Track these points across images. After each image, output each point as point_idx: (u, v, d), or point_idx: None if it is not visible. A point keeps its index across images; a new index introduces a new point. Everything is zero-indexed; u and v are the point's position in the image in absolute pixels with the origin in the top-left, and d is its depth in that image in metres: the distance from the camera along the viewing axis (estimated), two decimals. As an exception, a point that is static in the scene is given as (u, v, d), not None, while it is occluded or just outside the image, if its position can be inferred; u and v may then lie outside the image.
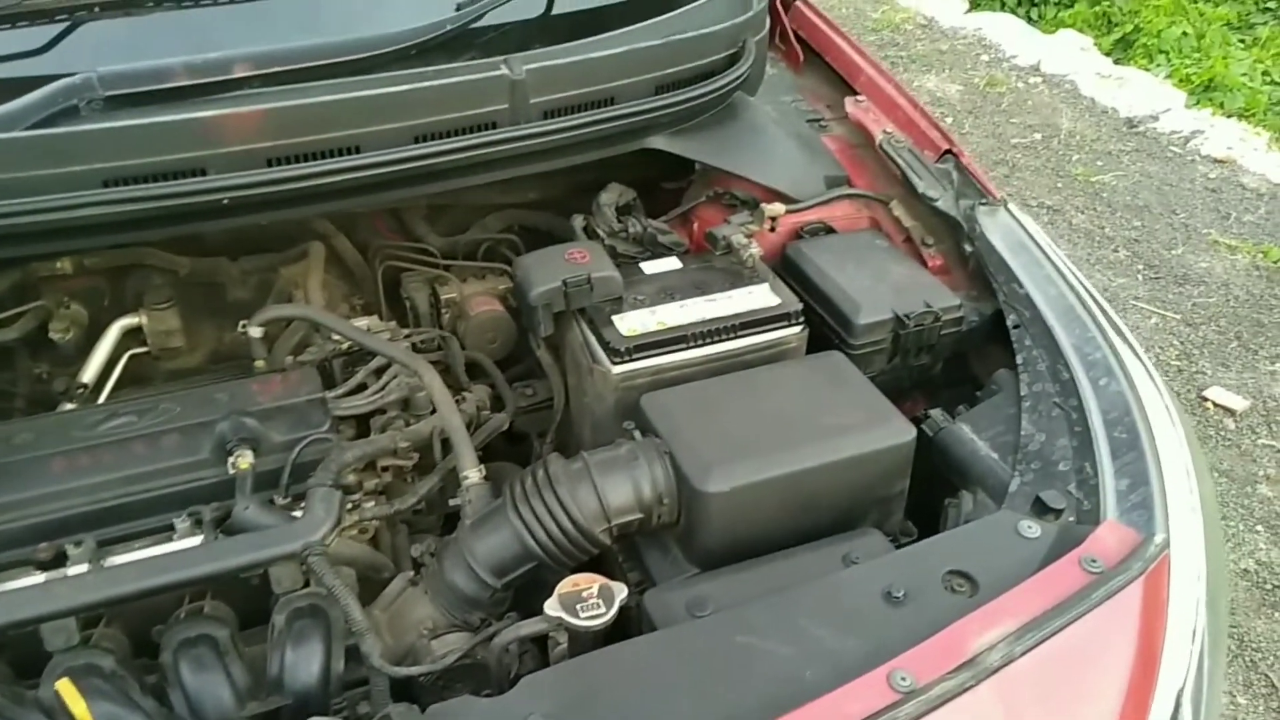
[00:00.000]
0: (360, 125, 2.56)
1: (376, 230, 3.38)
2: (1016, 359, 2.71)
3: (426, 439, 2.65)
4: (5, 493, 2.21)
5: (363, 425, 2.67)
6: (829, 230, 3.21)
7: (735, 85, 3.09)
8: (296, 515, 2.26)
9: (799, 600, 2.06)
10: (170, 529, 2.23)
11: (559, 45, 2.79)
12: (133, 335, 2.95)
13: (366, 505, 2.54)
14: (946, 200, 3.08)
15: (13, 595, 2.01)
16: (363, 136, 2.57)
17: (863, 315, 2.79)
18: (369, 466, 2.60)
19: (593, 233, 3.07)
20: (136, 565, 2.11)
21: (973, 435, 2.61)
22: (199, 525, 2.22)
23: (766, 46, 3.37)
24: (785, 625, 1.99)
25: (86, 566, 2.08)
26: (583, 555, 2.33)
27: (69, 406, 2.71)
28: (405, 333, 2.95)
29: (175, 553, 2.15)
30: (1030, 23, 11.17)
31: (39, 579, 2.07)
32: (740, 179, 3.19)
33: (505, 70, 2.67)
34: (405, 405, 2.69)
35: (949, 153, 3.20)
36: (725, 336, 2.70)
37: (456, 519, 2.45)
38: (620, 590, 2.12)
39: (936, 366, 2.96)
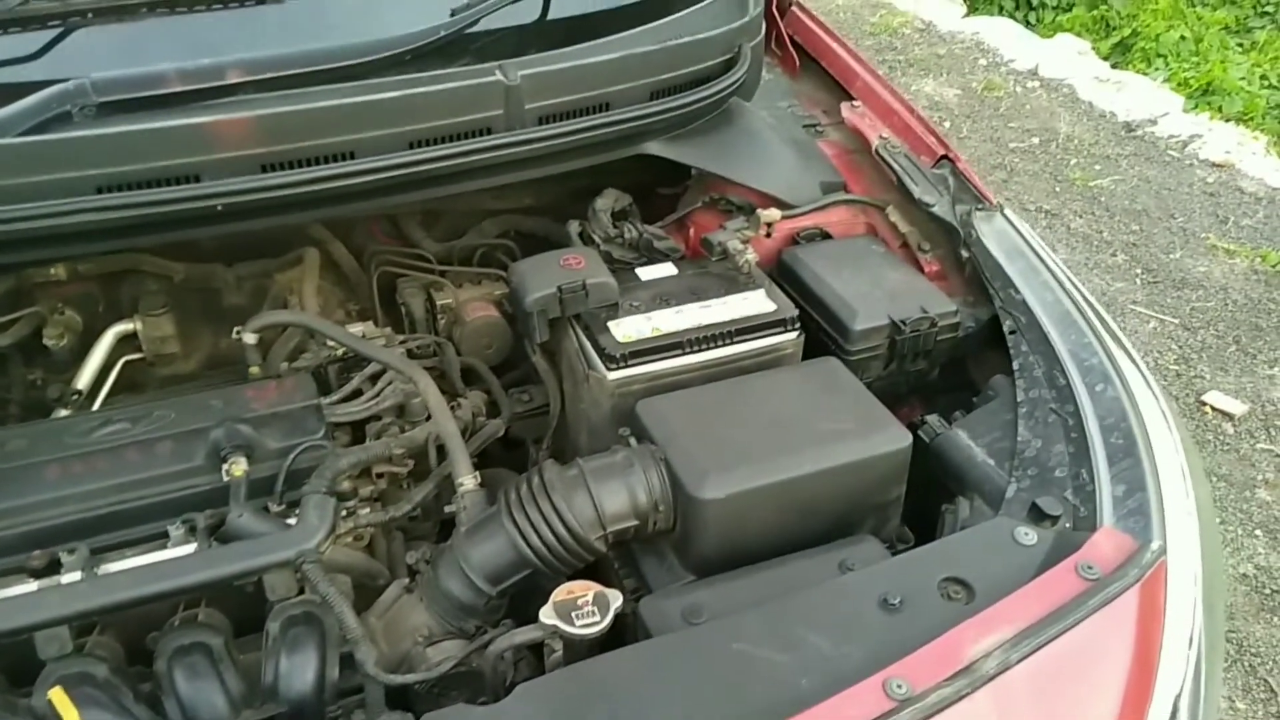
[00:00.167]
0: (355, 131, 2.56)
1: (372, 235, 3.37)
2: (1013, 365, 2.71)
3: (422, 445, 2.64)
4: (-2, 500, 2.21)
5: (358, 432, 2.65)
6: (825, 236, 3.21)
7: (731, 91, 3.08)
8: (291, 522, 2.24)
9: (795, 607, 2.05)
10: (164, 536, 2.22)
11: (554, 51, 2.79)
12: (127, 341, 2.93)
13: (361, 512, 2.54)
14: (943, 206, 3.07)
15: (5, 603, 2.00)
16: (357, 142, 2.56)
17: (859, 321, 2.79)
18: (364, 473, 2.60)
19: (588, 238, 3.07)
20: (130, 573, 2.10)
21: (969, 441, 2.61)
22: (193, 533, 2.21)
23: (762, 52, 3.37)
24: (781, 632, 1.99)
25: (80, 574, 2.07)
26: (578, 562, 2.33)
27: (63, 413, 2.71)
28: (400, 339, 2.94)
29: (169, 560, 2.14)
30: (1028, 27, 11.18)
31: (32, 587, 2.06)
32: (736, 184, 3.19)
33: (500, 76, 2.67)
34: (400, 412, 2.68)
35: (945, 158, 3.20)
36: (721, 342, 2.70)
37: (452, 525, 2.44)
38: (615, 598, 2.11)
39: (933, 372, 2.96)
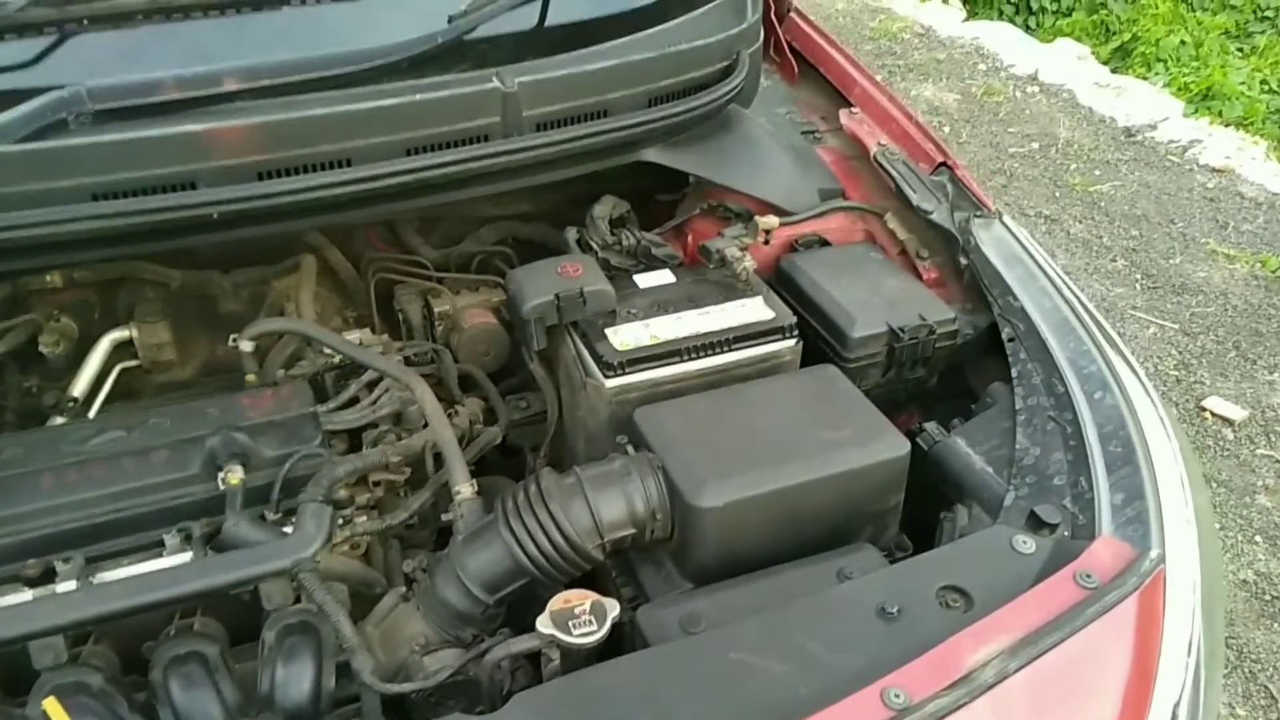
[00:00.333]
0: (351, 139, 2.55)
1: (369, 242, 3.37)
2: (1011, 372, 2.70)
3: (419, 453, 2.64)
4: (-7, 508, 2.20)
5: (355, 439, 2.65)
6: (823, 243, 3.20)
7: (729, 97, 3.08)
8: (287, 531, 2.25)
9: (793, 616, 2.05)
10: (160, 545, 2.22)
11: (552, 58, 2.78)
12: (123, 348, 2.93)
13: (358, 520, 2.53)
14: (941, 213, 3.07)
15: (0, 613, 2.00)
16: (354, 150, 2.56)
17: (857, 328, 2.78)
18: (361, 481, 2.59)
19: (586, 245, 3.06)
20: (125, 582, 2.10)
21: (968, 449, 2.60)
22: (189, 541, 2.21)
23: (761, 58, 3.36)
24: (779, 641, 1.98)
25: (75, 583, 2.07)
26: (575, 571, 2.32)
27: (59, 420, 2.71)
28: (398, 346, 2.94)
29: (165, 569, 2.14)
30: (1028, 31, 11.20)
31: (27, 596, 2.07)
32: (734, 191, 3.18)
33: (497, 83, 2.67)
34: (397, 419, 2.68)
35: (944, 165, 3.20)
36: (719, 350, 2.69)
37: (449, 534, 2.44)
38: (612, 607, 2.10)
39: (931, 380, 2.95)
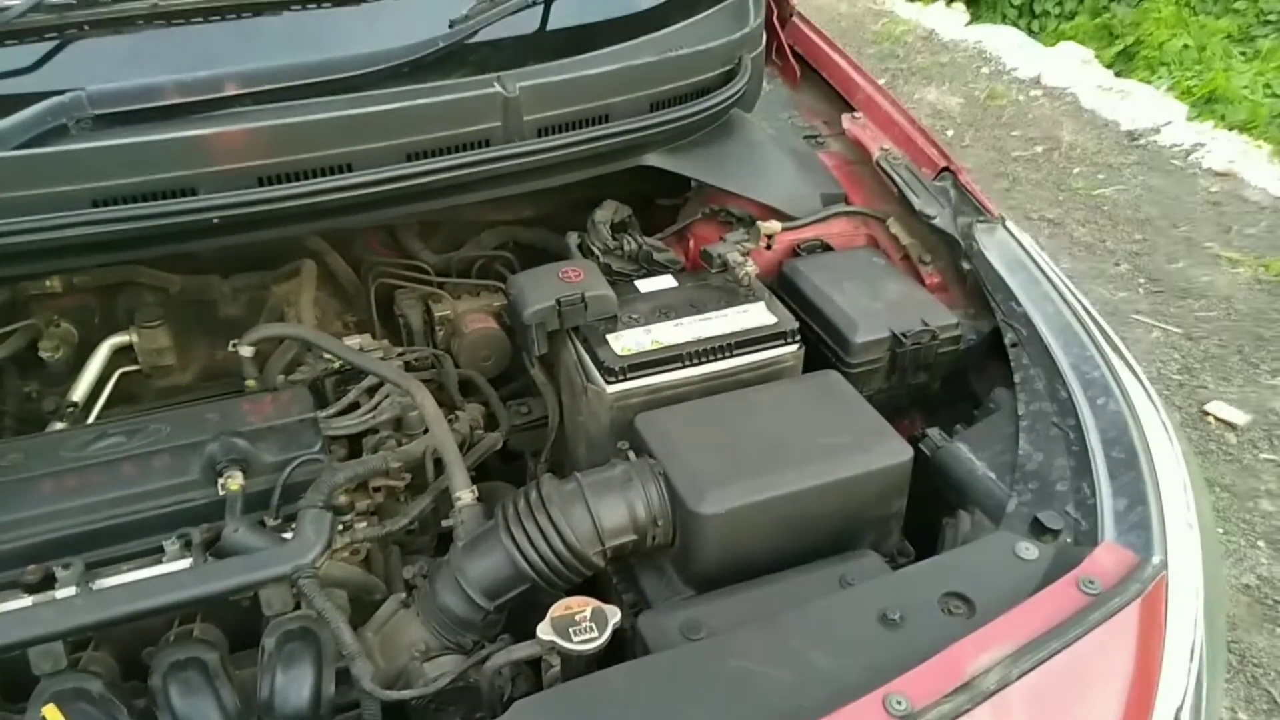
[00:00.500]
0: (352, 143, 2.55)
1: (370, 247, 3.37)
2: (1014, 378, 2.70)
3: (419, 459, 2.63)
4: (-7, 514, 2.20)
5: (355, 445, 2.65)
6: (826, 248, 3.20)
7: (731, 102, 3.08)
8: (287, 537, 2.24)
9: (794, 623, 2.04)
10: (160, 551, 2.21)
11: (553, 62, 2.78)
12: (123, 353, 2.93)
13: (358, 526, 2.52)
14: (944, 218, 3.06)
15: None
16: (355, 155, 2.55)
17: (860, 334, 2.78)
18: (361, 487, 2.59)
19: (588, 250, 3.05)
20: (125, 588, 2.09)
21: (970, 455, 2.60)
22: (188, 547, 2.21)
23: (763, 63, 3.36)
24: (780, 648, 1.97)
25: (75, 589, 2.07)
26: (576, 577, 2.32)
27: (58, 426, 2.70)
28: (398, 351, 2.94)
29: (164, 575, 2.13)
30: (1031, 35, 11.21)
31: (26, 602, 2.06)
32: (736, 196, 3.17)
33: (498, 88, 2.66)
34: (398, 425, 2.67)
35: (946, 170, 3.19)
36: (721, 355, 2.68)
37: (450, 539, 2.43)
38: (613, 614, 2.10)
39: (934, 385, 2.94)
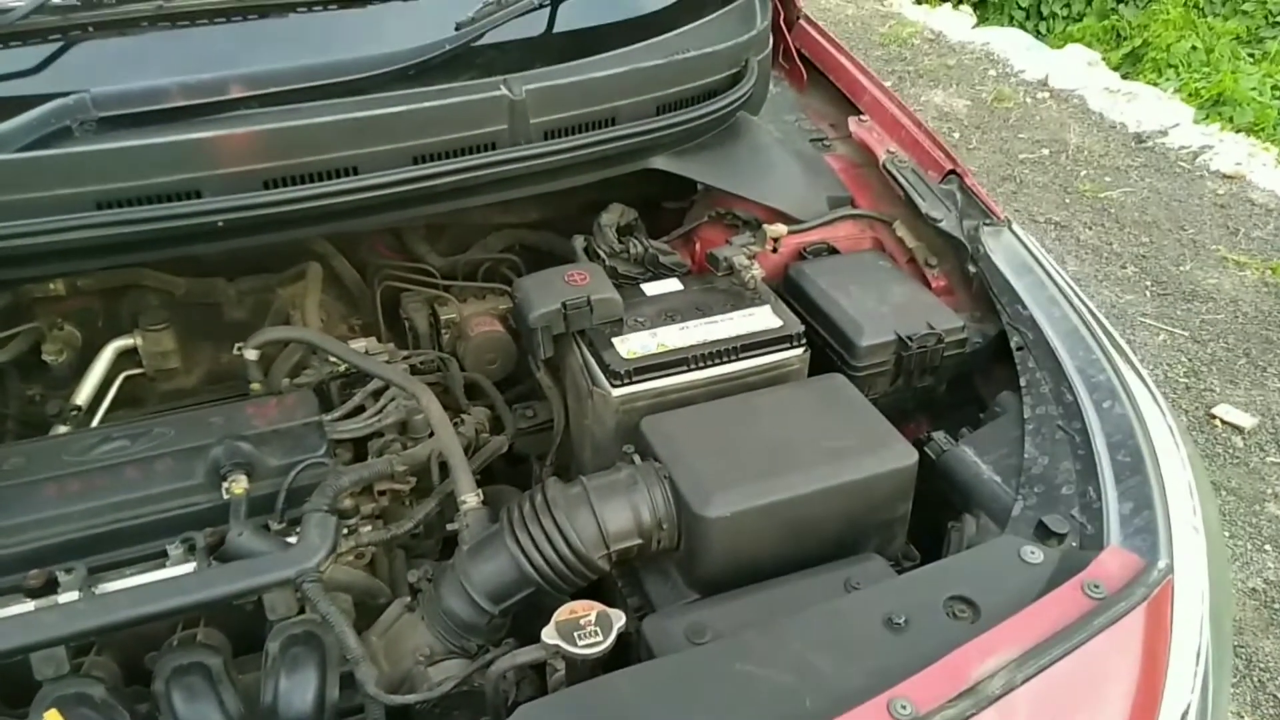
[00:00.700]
0: (358, 146, 2.55)
1: (375, 250, 3.36)
2: (1020, 381, 2.69)
3: (424, 463, 2.62)
4: (-5, 519, 2.19)
5: (360, 448, 2.64)
6: (832, 251, 3.20)
7: (738, 105, 3.07)
8: (291, 541, 2.23)
9: (799, 627, 2.04)
10: (163, 555, 2.20)
11: (559, 65, 2.78)
12: (127, 356, 2.93)
13: (363, 530, 2.53)
14: (950, 221, 3.06)
15: (1, 623, 1.99)
16: (361, 157, 2.55)
17: (865, 337, 2.78)
18: (366, 491, 2.58)
19: (594, 253, 3.05)
20: (128, 592, 2.09)
21: (976, 458, 2.59)
22: (192, 551, 2.20)
23: (770, 65, 3.36)
24: (785, 652, 1.97)
25: (77, 594, 2.06)
26: (581, 581, 2.31)
27: (62, 429, 2.70)
28: (404, 354, 2.93)
29: (168, 579, 2.13)
30: (1038, 37, 11.21)
31: (29, 606, 2.05)
32: (742, 199, 3.17)
33: (505, 90, 2.66)
34: (403, 428, 2.67)
35: (953, 173, 3.18)
36: (726, 359, 2.68)
37: (454, 543, 2.42)
38: (618, 618, 2.10)
39: (940, 388, 2.94)
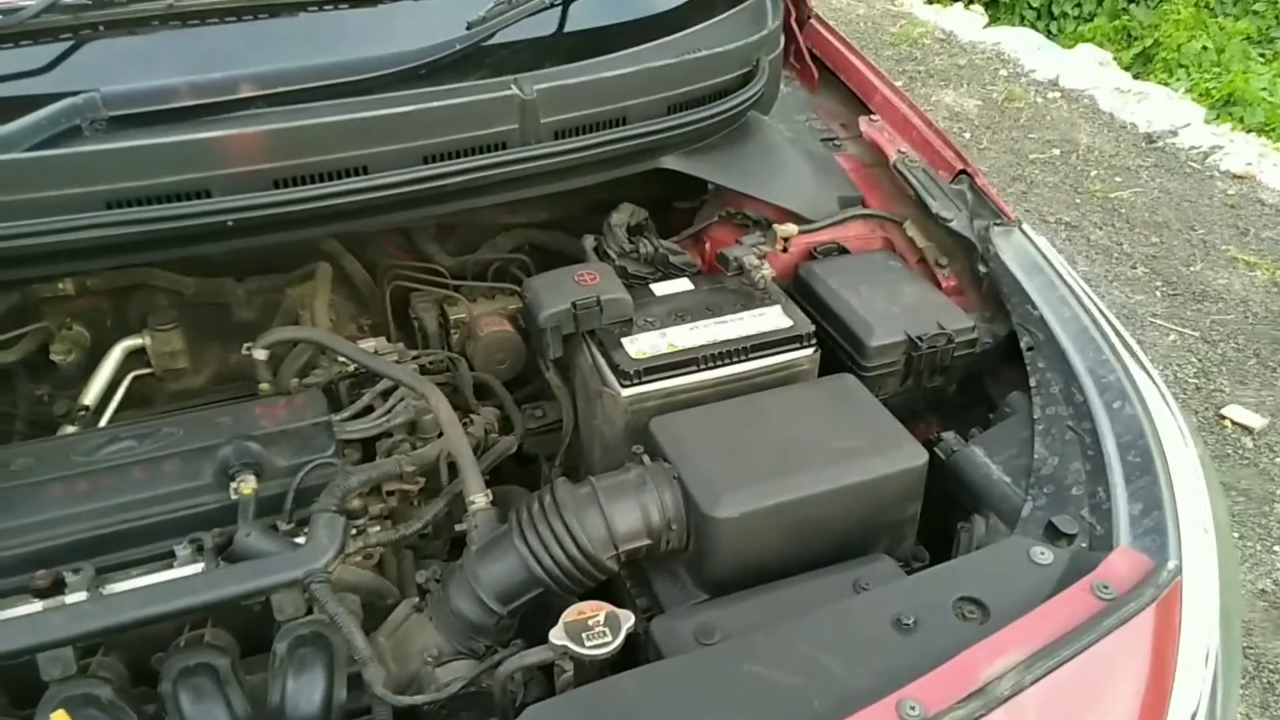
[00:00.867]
0: (368, 146, 2.54)
1: (385, 250, 3.36)
2: (1030, 381, 2.69)
3: (433, 463, 2.62)
4: (3, 519, 2.19)
5: (369, 449, 2.64)
6: (842, 251, 3.19)
7: (749, 104, 3.07)
8: (300, 542, 2.24)
9: (808, 628, 2.03)
10: (171, 556, 2.21)
11: (570, 64, 2.78)
12: (136, 356, 2.93)
13: (371, 530, 2.53)
14: (961, 221, 3.05)
15: (8, 624, 2.00)
16: (371, 157, 2.55)
17: (875, 337, 2.77)
18: (374, 491, 2.58)
19: (604, 253, 3.05)
20: (136, 593, 2.10)
21: (986, 459, 2.59)
22: (200, 552, 2.21)
23: (781, 65, 3.36)
24: (793, 653, 1.97)
25: (85, 594, 2.07)
26: (590, 582, 2.31)
27: (70, 429, 2.69)
28: (413, 354, 2.93)
29: (175, 580, 2.13)
30: (1049, 37, 11.20)
31: (36, 607, 2.05)
32: (753, 199, 3.17)
33: (515, 90, 2.65)
34: (412, 428, 2.67)
35: (963, 173, 3.18)
36: (736, 359, 2.68)
37: (463, 544, 2.42)
38: (627, 619, 2.09)
39: (950, 388, 2.94)
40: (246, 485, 2.29)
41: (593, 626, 2.07)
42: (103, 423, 2.76)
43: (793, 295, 2.93)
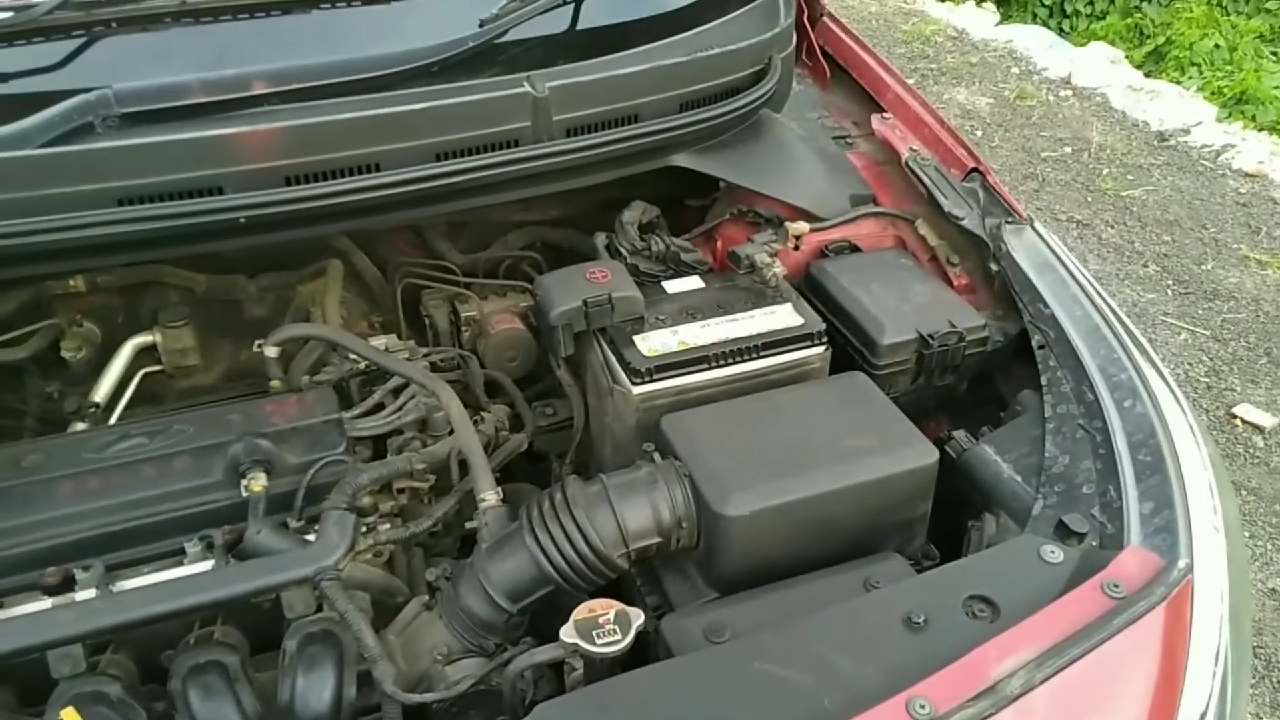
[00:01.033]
0: (380, 143, 2.54)
1: (396, 247, 3.36)
2: (1041, 380, 2.68)
3: (444, 460, 2.62)
4: (13, 516, 2.19)
5: (379, 446, 2.64)
6: (853, 249, 3.19)
7: (761, 102, 3.07)
8: (310, 539, 2.24)
9: (818, 626, 2.03)
10: (181, 553, 2.21)
11: (582, 62, 2.77)
12: (147, 353, 2.93)
13: (382, 528, 2.52)
14: (972, 219, 3.05)
15: (18, 621, 2.00)
16: (383, 154, 2.55)
17: (887, 335, 2.77)
18: (385, 488, 2.58)
19: (615, 251, 3.05)
20: (145, 590, 2.10)
21: (996, 457, 2.59)
22: (210, 549, 2.21)
23: (793, 63, 3.36)
24: (804, 652, 1.97)
25: (94, 591, 2.07)
26: (600, 580, 2.31)
27: (80, 426, 2.69)
28: (424, 351, 2.93)
29: (185, 577, 2.13)
30: (1061, 35, 11.18)
31: (46, 604, 2.06)
32: (765, 197, 3.17)
33: (528, 87, 2.65)
34: (423, 426, 2.67)
35: (975, 171, 3.17)
36: (747, 357, 2.68)
37: (473, 541, 2.42)
38: (637, 617, 2.09)
39: (961, 387, 2.93)
40: (257, 482, 2.28)
41: (603, 624, 2.07)
42: (113, 420, 2.77)
43: (804, 293, 2.93)
